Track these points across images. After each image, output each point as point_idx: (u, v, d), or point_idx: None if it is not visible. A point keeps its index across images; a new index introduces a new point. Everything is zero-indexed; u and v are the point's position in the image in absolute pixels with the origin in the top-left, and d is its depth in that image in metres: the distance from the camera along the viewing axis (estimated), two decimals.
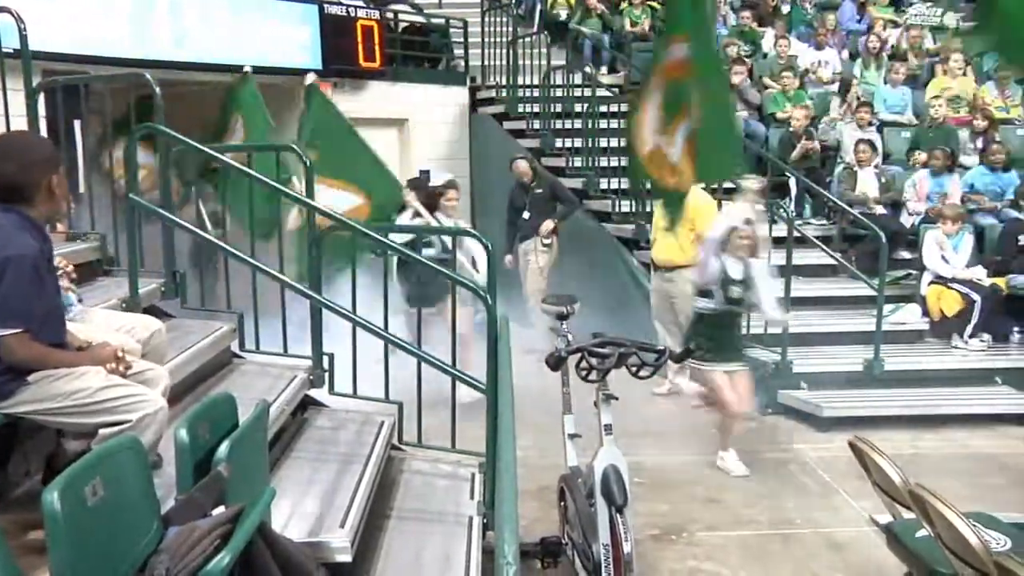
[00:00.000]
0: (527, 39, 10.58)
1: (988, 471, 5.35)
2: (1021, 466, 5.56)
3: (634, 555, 3.47)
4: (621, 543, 3.42)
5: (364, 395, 4.47)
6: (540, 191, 8.27)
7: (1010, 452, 5.92)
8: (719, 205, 6.89)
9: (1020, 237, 7.44)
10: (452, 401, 4.26)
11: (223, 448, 2.23)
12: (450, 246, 5.32)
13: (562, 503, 4.18)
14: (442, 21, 11.40)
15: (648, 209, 8.02)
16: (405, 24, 10.85)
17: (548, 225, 8.12)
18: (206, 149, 4.61)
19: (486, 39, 11.01)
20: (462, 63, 11.37)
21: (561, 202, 8.33)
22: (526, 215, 8.25)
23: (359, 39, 9.74)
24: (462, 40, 11.32)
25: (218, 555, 1.94)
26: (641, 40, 11.29)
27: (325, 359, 4.42)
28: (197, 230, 4.86)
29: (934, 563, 3.27)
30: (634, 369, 3.60)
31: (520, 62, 10.34)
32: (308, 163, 4.52)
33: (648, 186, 6.36)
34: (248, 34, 8.61)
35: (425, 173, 10.36)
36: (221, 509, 2.16)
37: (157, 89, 4.61)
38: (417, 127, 10.59)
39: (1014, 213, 7.89)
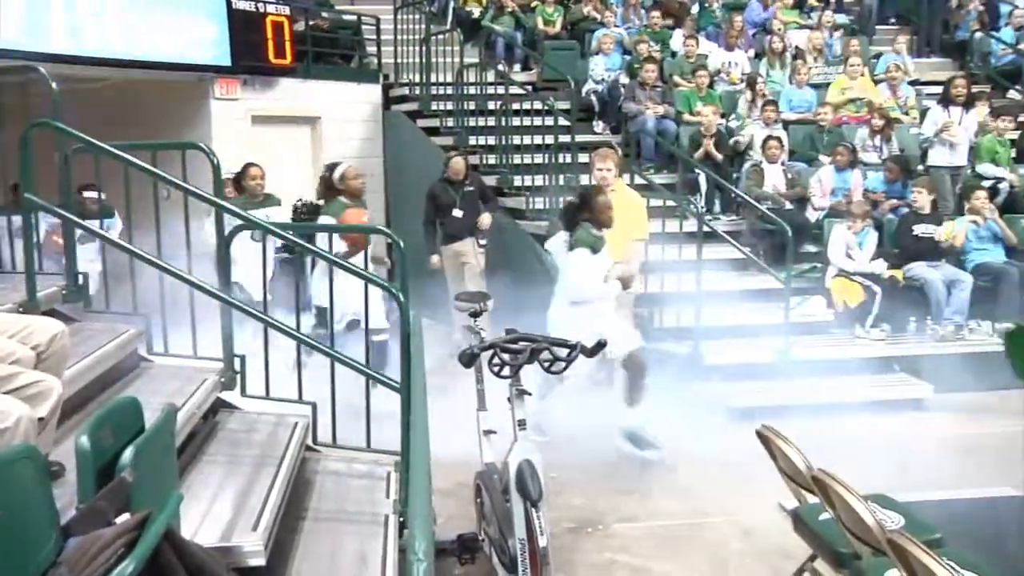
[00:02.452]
0: (440, 37, 10.57)
1: (887, 454, 5.56)
2: (916, 448, 5.80)
3: (550, 549, 3.50)
4: (537, 537, 3.44)
5: (277, 396, 4.40)
6: (471, 188, 8.19)
7: (907, 435, 6.17)
8: None
9: (915, 228, 7.75)
10: (367, 401, 4.23)
11: (127, 454, 2.16)
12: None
13: (478, 499, 4.20)
14: (354, 18, 11.29)
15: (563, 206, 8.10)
16: (316, 21, 10.71)
17: (486, 219, 8.07)
18: (107, 147, 4.47)
19: (399, 36, 10.96)
20: (375, 60, 11.29)
21: (485, 200, 8.33)
22: (457, 213, 8.10)
23: (269, 35, 9.58)
24: (375, 37, 11.24)
25: (121, 564, 1.88)
26: (554, 39, 11.40)
27: (237, 361, 4.35)
28: (99, 231, 4.70)
29: (836, 544, 3.40)
30: (546, 364, 3.64)
31: (433, 60, 10.32)
32: (216, 162, 4.43)
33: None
34: (151, 28, 8.38)
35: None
36: (126, 517, 2.09)
37: (53, 84, 4.45)
38: (330, 125, 10.49)
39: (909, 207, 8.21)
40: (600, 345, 3.82)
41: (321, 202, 7.17)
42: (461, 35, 10.95)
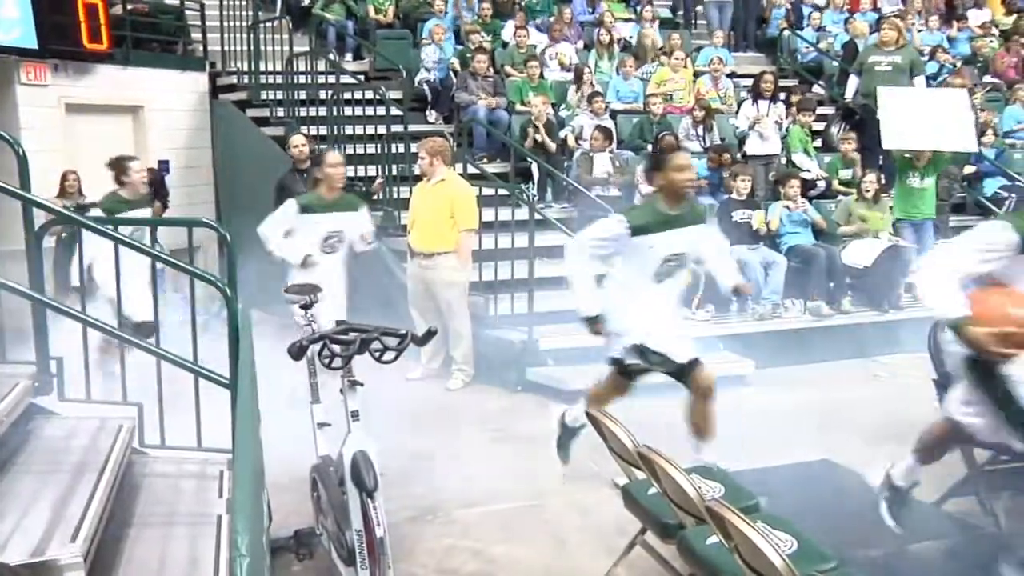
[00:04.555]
0: (269, 24, 10.30)
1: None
2: (740, 422, 6.12)
3: (387, 539, 3.51)
4: (374, 528, 3.45)
5: (99, 399, 4.20)
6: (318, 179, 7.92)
7: (732, 410, 6.49)
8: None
9: (733, 214, 8.18)
10: (196, 398, 4.10)
11: None
12: None
13: (315, 493, 4.16)
14: (176, 2, 10.82)
15: (398, 196, 8.08)
16: (135, 5, 10.20)
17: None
18: None
19: (225, 23, 10.60)
20: (200, 47, 10.88)
21: None
22: None
23: (81, 17, 9.03)
24: (199, 23, 10.82)
25: None
26: (386, 27, 11.33)
27: (53, 363, 4.11)
28: None
29: (663, 516, 3.57)
30: (377, 354, 3.64)
31: (262, 48, 10.05)
32: (21, 153, 4.16)
33: None
34: None
35: (164, 164, 9.84)
36: None
37: None
38: (153, 114, 10.04)
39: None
40: (431, 333, 3.85)
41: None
42: (291, 23, 10.70)
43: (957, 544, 4.29)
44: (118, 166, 6.56)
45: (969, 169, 10.00)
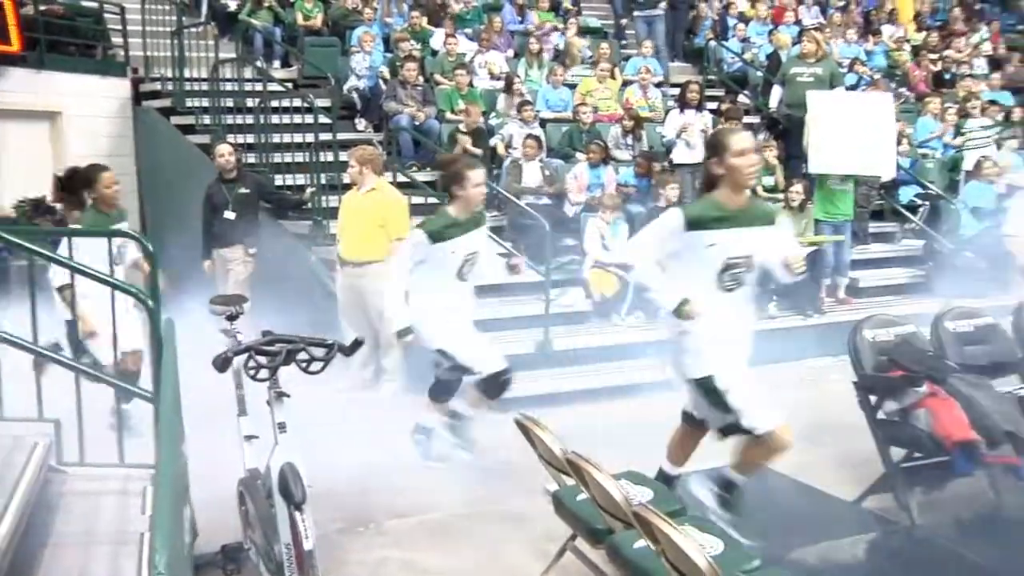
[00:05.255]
0: (194, 29, 10.11)
1: (642, 434, 5.90)
2: (672, 426, 6.21)
3: (316, 551, 3.46)
4: (302, 540, 3.40)
5: (11, 417, 4.06)
6: (246, 190, 7.68)
7: (662, 415, 6.58)
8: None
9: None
10: (117, 412, 4.00)
11: None
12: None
13: (242, 507, 4.08)
14: (95, 5, 10.56)
15: (327, 205, 8.00)
16: (49, 6, 9.92)
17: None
18: None
19: (147, 27, 10.38)
20: (121, 52, 10.63)
21: (268, 201, 7.98)
22: (229, 215, 7.55)
23: None
24: (120, 27, 10.58)
25: None
26: (315, 34, 11.21)
27: None
28: None
29: (592, 522, 3.60)
30: (304, 365, 3.60)
31: (187, 54, 9.86)
32: None
33: None
34: None
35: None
36: None
37: None
38: (72, 121, 9.78)
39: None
40: (358, 343, 3.82)
41: (58, 205, 6.58)
42: (216, 28, 10.53)
43: (875, 539, 4.43)
44: (86, 178, 5.76)
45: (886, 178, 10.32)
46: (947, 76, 12.86)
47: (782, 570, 3.50)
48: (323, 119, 8.59)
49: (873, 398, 4.87)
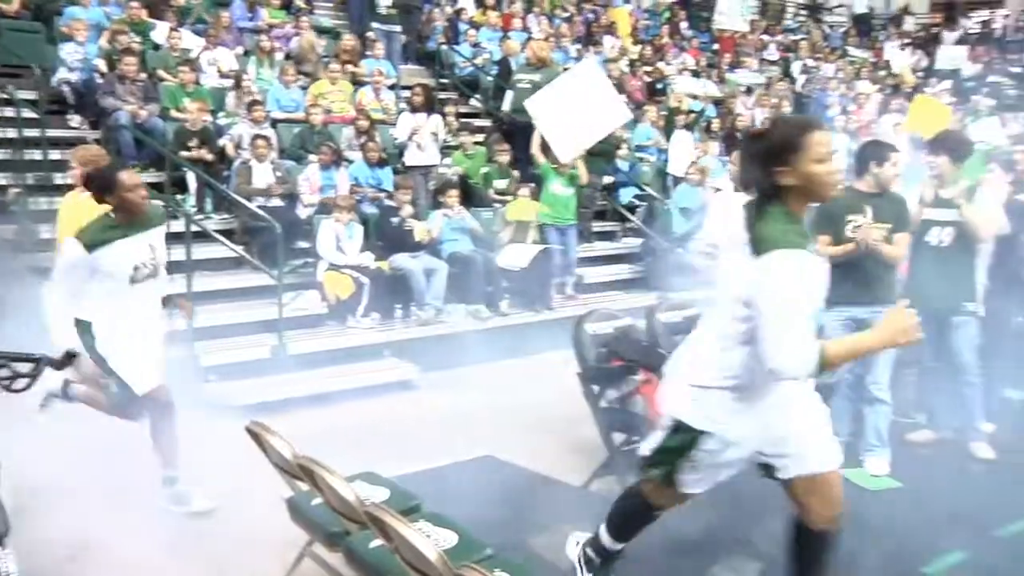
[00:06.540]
0: None
1: (378, 434, 5.96)
2: (408, 426, 6.31)
3: None
4: None
5: None
6: None
7: (399, 414, 6.67)
8: None
9: (392, 219, 8.38)
10: None
11: None
12: None
13: None
14: None
15: (36, 208, 7.36)
16: None
17: None
18: None
19: None
20: None
21: None
22: None
23: None
24: None
25: None
26: (12, 18, 10.19)
27: None
28: None
29: (328, 526, 3.58)
30: (7, 383, 3.29)
31: None
32: None
33: None
34: None
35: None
36: None
37: None
38: None
39: (389, 202, 8.87)
40: (71, 356, 3.55)
41: None
42: None
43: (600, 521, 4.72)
44: (103, 179, 4.71)
45: (608, 179, 11.04)
46: (659, 86, 13.95)
47: (513, 556, 3.65)
48: (28, 113, 7.87)
49: (596, 388, 5.19)
